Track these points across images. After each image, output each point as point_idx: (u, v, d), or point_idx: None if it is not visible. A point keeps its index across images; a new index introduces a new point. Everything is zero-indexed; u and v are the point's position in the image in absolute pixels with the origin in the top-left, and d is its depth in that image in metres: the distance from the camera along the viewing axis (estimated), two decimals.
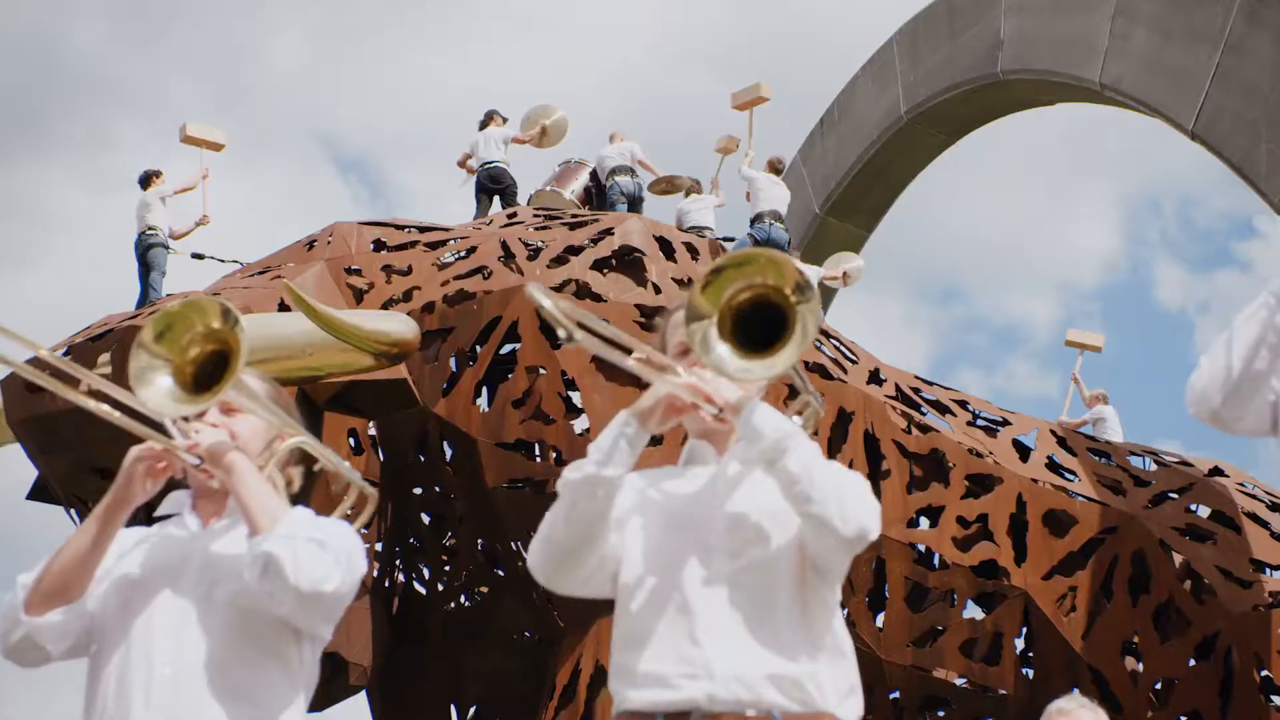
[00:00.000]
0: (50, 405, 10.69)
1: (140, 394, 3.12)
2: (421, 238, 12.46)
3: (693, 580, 3.05)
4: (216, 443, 3.25)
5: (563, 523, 3.07)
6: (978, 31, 18.37)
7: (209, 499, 3.42)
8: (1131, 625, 12.16)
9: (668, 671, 2.99)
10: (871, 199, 21.90)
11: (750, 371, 2.95)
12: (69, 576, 3.23)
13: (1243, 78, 13.33)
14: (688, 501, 3.16)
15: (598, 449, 3.07)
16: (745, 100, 14.79)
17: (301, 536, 3.16)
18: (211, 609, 3.24)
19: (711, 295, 2.95)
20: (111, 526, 3.25)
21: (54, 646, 3.26)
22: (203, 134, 14.86)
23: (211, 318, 3.16)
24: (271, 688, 3.25)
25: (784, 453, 2.98)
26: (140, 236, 13.48)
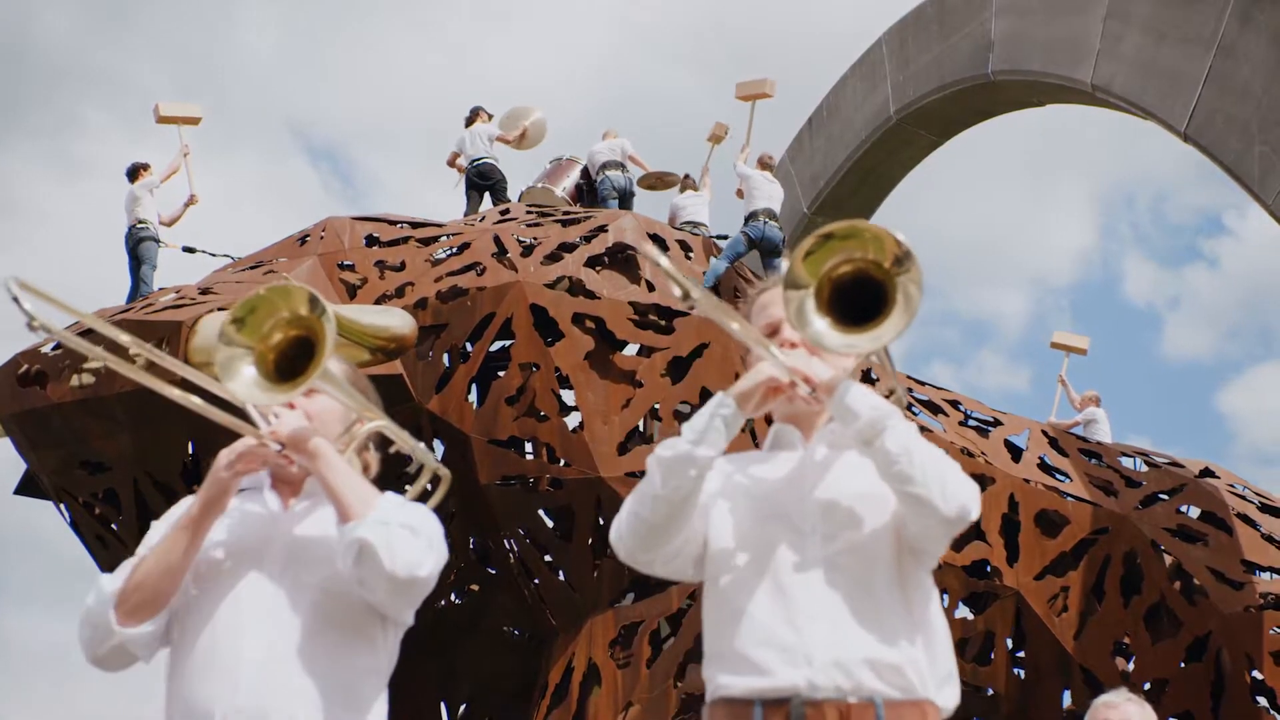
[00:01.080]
0: (41, 400, 10.64)
1: (228, 385, 3.08)
2: (414, 233, 12.43)
3: (786, 565, 3.01)
4: (298, 428, 3.21)
5: (651, 500, 3.01)
6: (968, 32, 18.36)
7: (287, 481, 3.38)
8: (1123, 626, 12.17)
9: (765, 657, 2.94)
10: (860, 199, 21.88)
11: (855, 345, 2.91)
12: (160, 588, 3.17)
13: (1236, 80, 13.33)
14: (777, 486, 3.12)
15: (691, 428, 3.02)
16: (750, 92, 14.74)
17: (394, 523, 3.11)
18: (300, 594, 3.19)
19: (813, 265, 2.90)
20: (202, 535, 3.19)
21: (144, 653, 3.21)
22: (177, 111, 14.72)
23: (298, 304, 3.10)
24: (359, 673, 3.20)
25: (881, 432, 2.94)
26: (130, 230, 13.37)
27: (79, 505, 11.18)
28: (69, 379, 10.52)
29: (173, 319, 10.20)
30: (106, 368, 10.08)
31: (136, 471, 10.74)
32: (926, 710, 2.95)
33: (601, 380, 11.76)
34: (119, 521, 11.17)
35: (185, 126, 14.72)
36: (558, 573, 11.75)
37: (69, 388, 10.46)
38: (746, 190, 13.38)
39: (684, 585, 11.56)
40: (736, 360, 12.01)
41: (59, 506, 11.46)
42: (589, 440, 11.44)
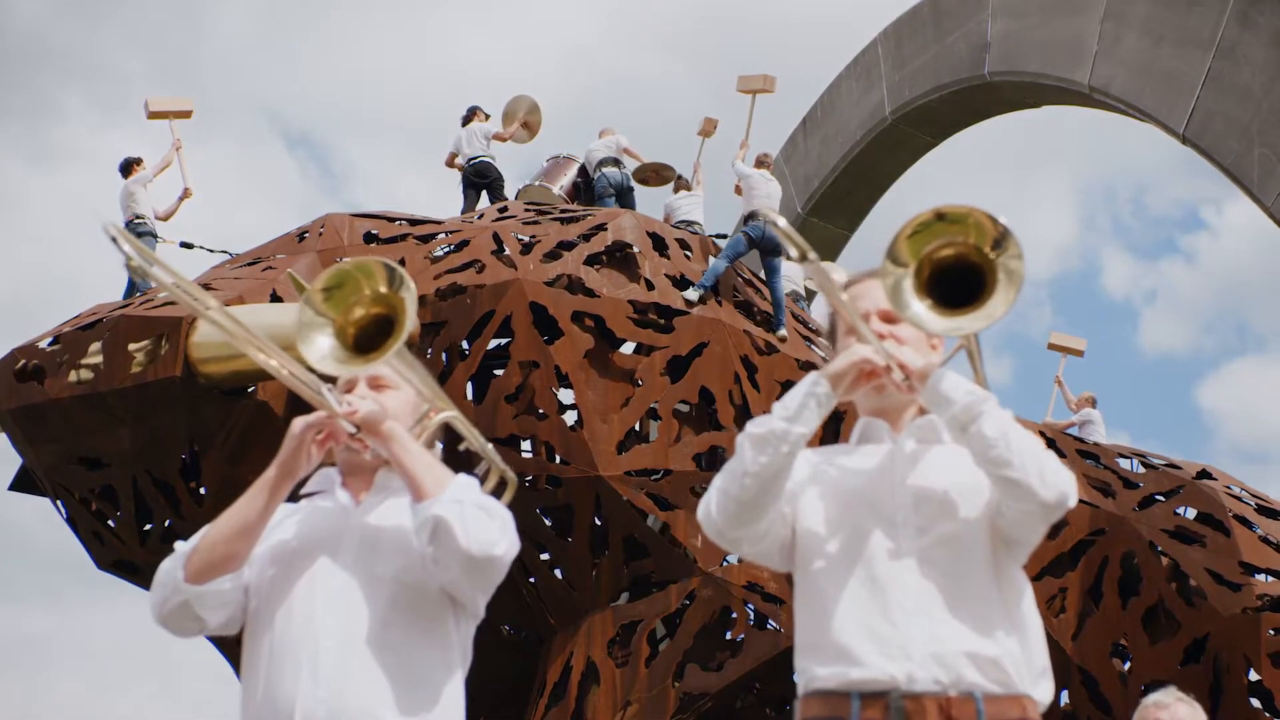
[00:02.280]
0: (39, 395, 10.58)
1: (304, 352, 3.07)
2: (413, 230, 12.38)
3: (880, 556, 3.00)
4: (373, 411, 3.20)
5: (741, 476, 3.00)
6: (965, 33, 18.38)
7: (357, 475, 3.38)
8: (1121, 627, 12.17)
9: (861, 649, 2.93)
10: (854, 199, 21.89)
11: (962, 326, 2.91)
12: (233, 546, 3.17)
13: (1235, 82, 13.36)
14: (867, 478, 3.11)
15: (783, 406, 3.02)
16: (751, 87, 14.71)
17: (469, 502, 3.13)
18: (374, 584, 3.20)
19: (915, 245, 2.89)
20: (277, 497, 3.19)
21: (211, 615, 3.20)
22: (167, 105, 14.62)
23: (378, 281, 3.09)
24: (433, 663, 3.20)
25: (978, 417, 2.95)
26: (128, 226, 13.29)
27: (76, 501, 11.12)
28: (67, 375, 10.46)
29: (173, 315, 10.15)
30: (150, 354, 10.03)
31: (135, 468, 10.68)
32: (1025, 705, 2.95)
33: (601, 379, 11.73)
34: (116, 518, 11.11)
35: (177, 120, 14.63)
36: (556, 571, 11.71)
37: (67, 383, 10.40)
38: (745, 189, 13.36)
39: (682, 584, 11.56)
40: (735, 359, 12.00)
41: (55, 503, 11.39)
42: (588, 439, 11.40)
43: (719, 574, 11.50)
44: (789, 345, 12.47)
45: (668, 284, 12.15)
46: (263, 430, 10.35)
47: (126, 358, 10.23)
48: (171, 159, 14.19)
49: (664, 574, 11.60)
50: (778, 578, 11.66)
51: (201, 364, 9.97)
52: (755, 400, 11.92)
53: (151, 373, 10.12)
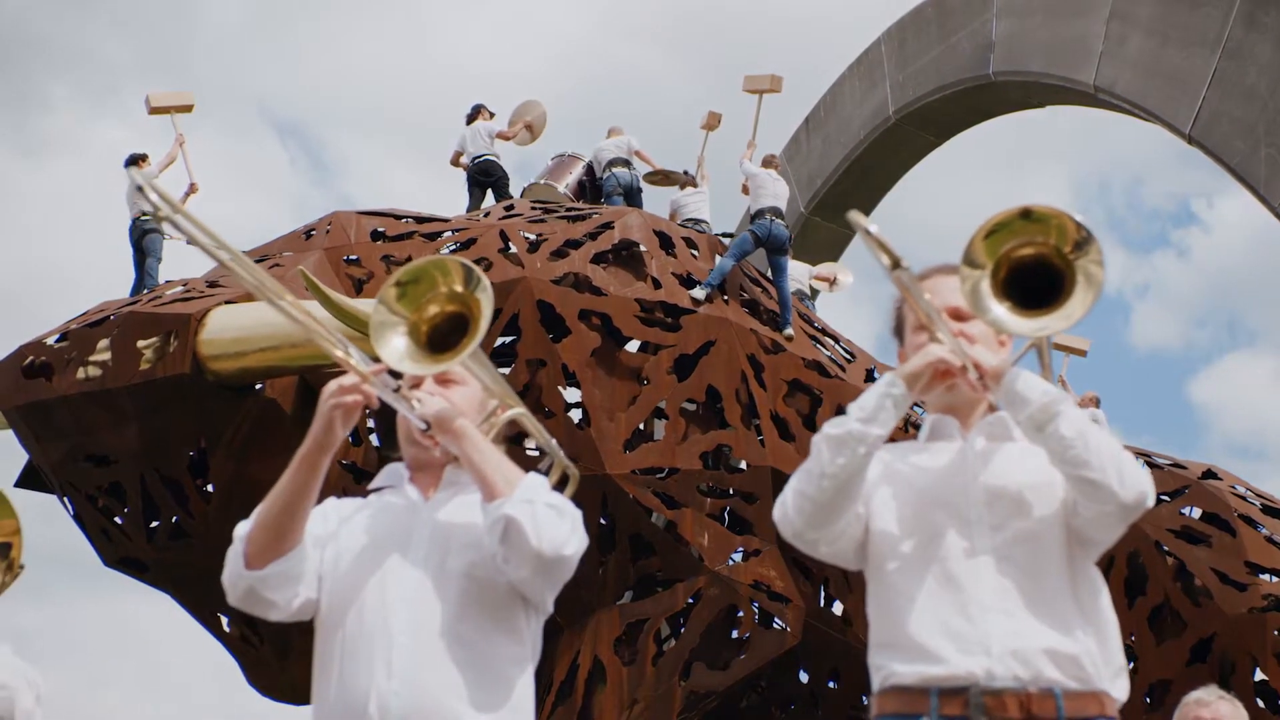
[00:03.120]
0: (46, 392, 10.56)
1: (379, 351, 3.05)
2: (419, 228, 12.37)
3: (955, 554, 3.01)
4: (444, 408, 3.20)
5: (819, 478, 3.02)
6: (969, 33, 18.40)
7: (425, 471, 3.37)
8: (1127, 627, 12.16)
9: (939, 646, 2.93)
10: (857, 198, 21.85)
11: (1045, 327, 2.91)
12: (281, 527, 3.16)
13: (1241, 82, 13.36)
14: (940, 476, 3.11)
15: (860, 407, 3.03)
16: (758, 86, 14.69)
17: (540, 501, 3.13)
18: (446, 579, 3.19)
19: (993, 245, 2.89)
20: (317, 472, 3.16)
21: (279, 595, 3.19)
22: (168, 100, 14.56)
23: (455, 279, 3.07)
24: (505, 658, 3.21)
25: (1054, 417, 2.94)
26: (134, 222, 13.27)
27: (83, 498, 11.10)
28: (75, 371, 10.44)
29: (181, 311, 10.14)
30: (159, 349, 9.99)
31: (142, 465, 10.66)
32: (1104, 701, 2.95)
33: (608, 377, 11.72)
34: (123, 515, 11.10)
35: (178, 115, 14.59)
36: None
37: (75, 380, 10.39)
38: (752, 188, 13.35)
39: (689, 583, 11.55)
40: (742, 358, 11.99)
41: (62, 500, 11.38)
42: (595, 437, 11.39)
43: (725, 572, 11.49)
44: (795, 344, 12.47)
45: (674, 282, 12.15)
46: (271, 427, 10.34)
47: (135, 354, 10.22)
48: (176, 154, 14.16)
49: (670, 572, 11.60)
50: (784, 576, 11.66)
51: (210, 361, 9.96)
52: (762, 399, 11.92)
53: (160, 369, 10.10)
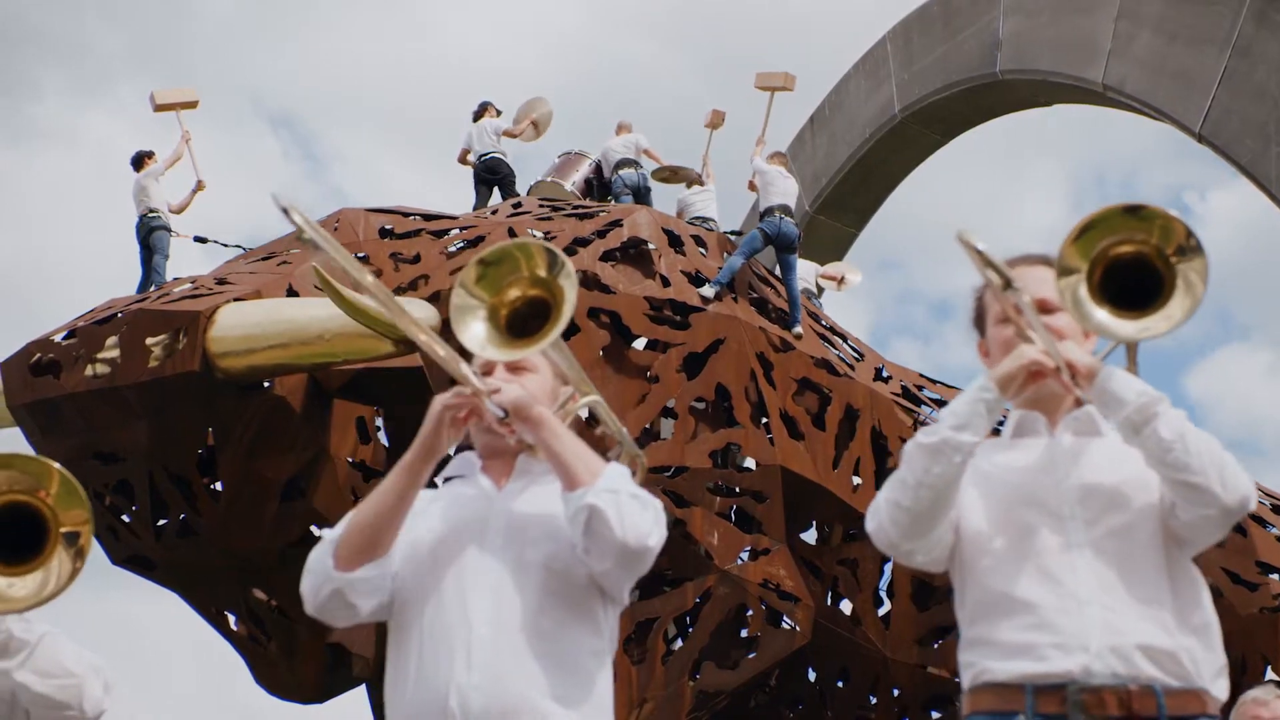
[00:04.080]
0: (54, 389, 10.52)
1: (459, 336, 3.02)
2: (427, 225, 12.33)
3: (1050, 550, 2.96)
4: (522, 396, 3.14)
5: (914, 488, 2.97)
6: (975, 31, 18.34)
7: (497, 459, 3.32)
8: None
9: (1036, 641, 2.89)
10: (862, 197, 21.85)
11: (1149, 329, 2.87)
12: (379, 531, 3.11)
13: (1251, 80, 13.33)
14: (1028, 473, 3.07)
15: (952, 414, 2.99)
16: (770, 84, 14.60)
17: (623, 491, 3.06)
18: (524, 570, 3.13)
19: (1085, 245, 2.86)
20: (419, 479, 3.12)
21: (363, 602, 3.13)
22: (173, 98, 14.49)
23: (539, 264, 3.02)
24: (585, 651, 3.14)
25: (1152, 418, 2.90)
26: (141, 220, 13.26)
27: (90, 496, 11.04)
28: (83, 369, 10.40)
29: (190, 309, 10.09)
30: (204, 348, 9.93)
31: (151, 463, 10.62)
32: (1205, 700, 2.91)
33: (616, 375, 11.68)
34: (131, 513, 11.06)
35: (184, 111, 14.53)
36: None
37: (83, 377, 10.34)
38: (761, 185, 13.30)
39: (698, 582, 11.51)
40: (751, 356, 11.95)
41: None
42: None
43: (734, 571, 11.45)
44: (805, 342, 12.43)
45: (683, 280, 12.11)
46: (280, 425, 10.31)
47: (143, 352, 10.18)
48: (182, 152, 14.11)
49: (679, 571, 11.55)
50: (793, 575, 11.63)
51: (219, 358, 9.91)
52: (771, 397, 11.88)
53: (169, 367, 10.06)
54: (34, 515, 3.35)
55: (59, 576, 3.35)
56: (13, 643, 3.59)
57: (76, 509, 3.37)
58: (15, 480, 3.36)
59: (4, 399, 10.85)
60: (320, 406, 10.59)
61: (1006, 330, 3.10)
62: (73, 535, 3.36)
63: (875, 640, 12.01)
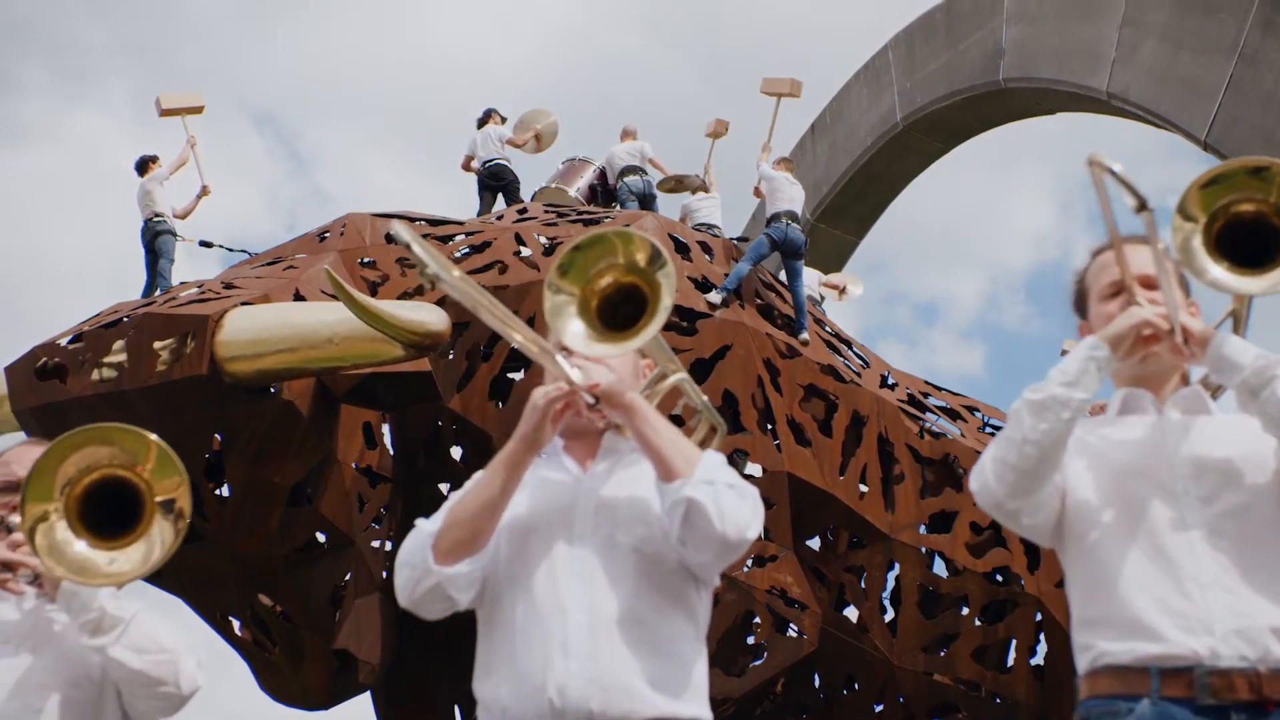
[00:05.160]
0: (60, 393, 10.47)
1: (558, 334, 3.03)
2: (433, 231, 12.30)
3: (1164, 528, 2.92)
4: (613, 382, 3.11)
5: (1020, 444, 2.94)
6: (978, 39, 18.34)
7: (580, 440, 3.29)
8: None
9: (1158, 623, 2.85)
10: (863, 205, 21.87)
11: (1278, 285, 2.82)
12: (478, 525, 3.08)
13: (1258, 88, 13.31)
14: (1137, 449, 3.03)
15: (1062, 371, 2.94)
16: (777, 90, 14.59)
17: (721, 482, 3.02)
18: (616, 556, 3.09)
19: (1209, 197, 2.83)
20: (519, 473, 3.09)
21: (461, 595, 3.11)
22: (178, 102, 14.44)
23: (637, 252, 3.00)
24: (681, 637, 3.10)
25: (1270, 381, 2.86)
26: (146, 224, 13.23)
27: None
28: (89, 373, 10.34)
29: (198, 313, 10.04)
30: None
31: None
32: None
33: None
34: None
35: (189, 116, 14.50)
36: None
37: (90, 381, 10.28)
38: (768, 192, 13.29)
39: None
40: (758, 363, 11.92)
41: None
42: None
43: (742, 578, 11.41)
44: (811, 349, 12.41)
45: (690, 286, 12.08)
46: (287, 429, 10.26)
47: (151, 356, 10.12)
48: (187, 156, 14.09)
49: None
50: (800, 582, 11.59)
51: (227, 362, 9.86)
52: (778, 403, 11.85)
53: (176, 371, 10.00)
54: (129, 488, 3.41)
55: (163, 542, 3.41)
56: (106, 619, 3.58)
57: (172, 476, 3.43)
58: (115, 456, 3.41)
59: (9, 403, 10.78)
60: (327, 411, 10.54)
61: (1111, 305, 3.07)
62: (169, 502, 3.41)
63: (882, 647, 11.97)
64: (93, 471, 3.38)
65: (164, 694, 3.65)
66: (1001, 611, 12.22)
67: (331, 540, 10.99)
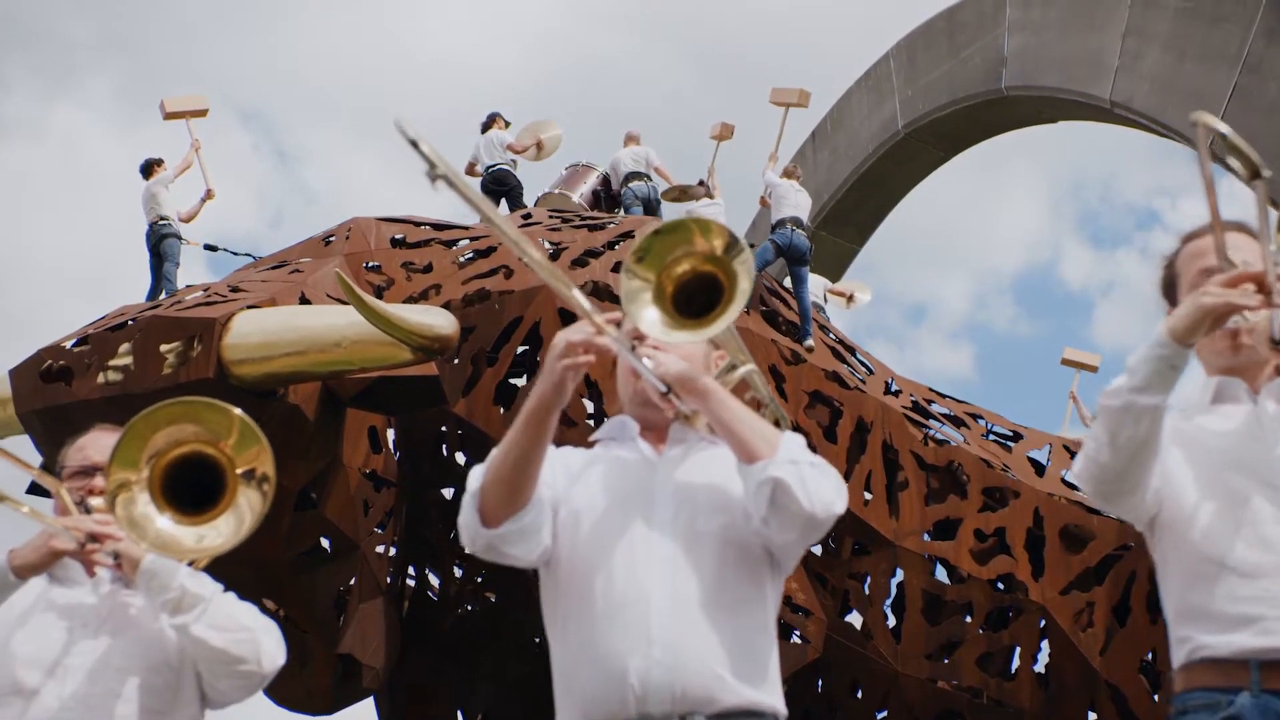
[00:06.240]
0: (65, 396, 10.43)
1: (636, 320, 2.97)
2: (438, 235, 12.29)
3: (1267, 519, 2.89)
4: (686, 368, 3.09)
5: (1108, 447, 2.91)
6: (981, 47, 18.37)
7: (651, 430, 3.27)
8: (1150, 642, 12.08)
9: (1261, 614, 2.82)
10: (864, 213, 21.89)
11: None
12: (514, 483, 3.04)
13: (1263, 97, 13.34)
14: (1234, 439, 3.01)
15: (1130, 372, 2.88)
16: (784, 99, 14.60)
17: (804, 461, 3.01)
18: (698, 541, 3.06)
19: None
20: (545, 428, 3.03)
21: (518, 550, 3.09)
22: (183, 105, 14.40)
23: (716, 240, 2.96)
24: (760, 626, 3.08)
25: None
26: (151, 228, 13.21)
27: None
28: (95, 376, 10.30)
29: (206, 315, 10.02)
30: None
31: None
32: None
33: None
34: None
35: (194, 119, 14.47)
36: None
37: (97, 384, 10.25)
38: (774, 199, 13.30)
39: None
40: (764, 369, 11.91)
41: None
42: None
43: None
44: (816, 355, 12.40)
45: None
46: (294, 433, 10.24)
47: (158, 359, 10.08)
48: (192, 160, 14.07)
49: None
50: (805, 588, 11.58)
51: (235, 365, 9.83)
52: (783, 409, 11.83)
53: (183, 374, 9.96)
54: (210, 464, 3.42)
55: (252, 510, 3.41)
56: (187, 597, 3.59)
57: (253, 446, 3.44)
58: (200, 434, 3.43)
59: (13, 405, 10.75)
60: (333, 415, 10.51)
61: None
62: (250, 471, 3.42)
63: (886, 654, 11.96)
64: (178, 447, 3.40)
65: (245, 672, 3.67)
66: (1006, 619, 12.21)
67: (336, 545, 10.96)
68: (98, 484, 3.73)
